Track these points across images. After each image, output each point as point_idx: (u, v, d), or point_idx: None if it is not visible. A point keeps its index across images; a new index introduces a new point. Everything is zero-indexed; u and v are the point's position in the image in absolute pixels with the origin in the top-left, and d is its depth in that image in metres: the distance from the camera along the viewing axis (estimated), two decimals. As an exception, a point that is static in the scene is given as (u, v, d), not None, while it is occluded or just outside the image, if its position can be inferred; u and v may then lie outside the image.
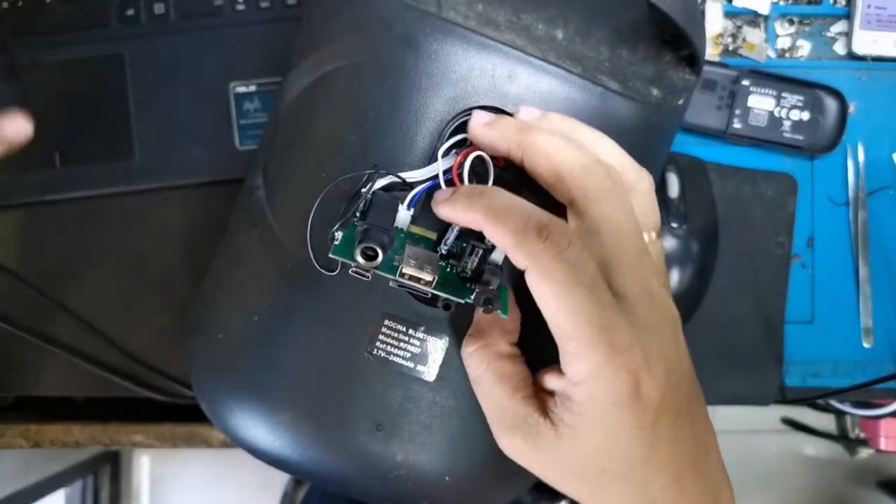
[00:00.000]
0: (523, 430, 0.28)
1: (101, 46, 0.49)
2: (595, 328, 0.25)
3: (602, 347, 0.25)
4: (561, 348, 0.26)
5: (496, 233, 0.26)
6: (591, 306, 0.25)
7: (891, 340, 0.50)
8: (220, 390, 0.32)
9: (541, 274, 0.25)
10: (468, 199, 0.27)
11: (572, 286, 0.25)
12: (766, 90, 0.49)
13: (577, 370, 0.26)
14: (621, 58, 0.33)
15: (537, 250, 0.25)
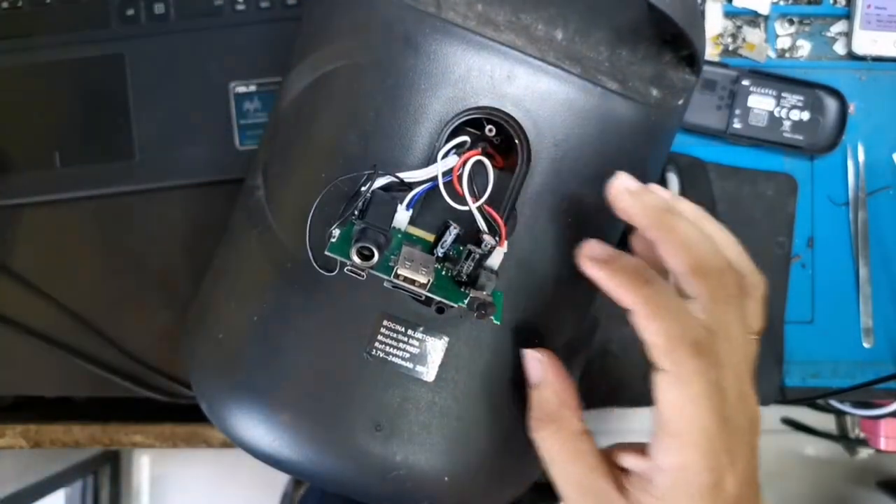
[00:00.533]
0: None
1: (101, 46, 0.49)
2: (704, 438, 0.26)
3: (700, 452, 0.27)
4: (658, 437, 0.27)
5: (649, 328, 0.27)
6: (710, 421, 0.26)
7: (891, 340, 0.50)
8: (219, 390, 0.32)
9: (677, 382, 0.26)
10: (631, 279, 0.27)
11: (702, 400, 0.26)
12: (766, 90, 0.49)
13: (668, 461, 0.27)
14: (621, 58, 0.33)
15: (686, 363, 0.26)
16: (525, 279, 0.32)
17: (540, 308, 0.32)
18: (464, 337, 0.31)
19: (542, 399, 0.31)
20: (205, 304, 0.35)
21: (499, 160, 0.32)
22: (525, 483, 0.35)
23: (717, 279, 0.28)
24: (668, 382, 0.27)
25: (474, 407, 0.32)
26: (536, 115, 0.31)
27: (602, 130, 0.31)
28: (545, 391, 0.31)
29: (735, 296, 0.28)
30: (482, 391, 0.32)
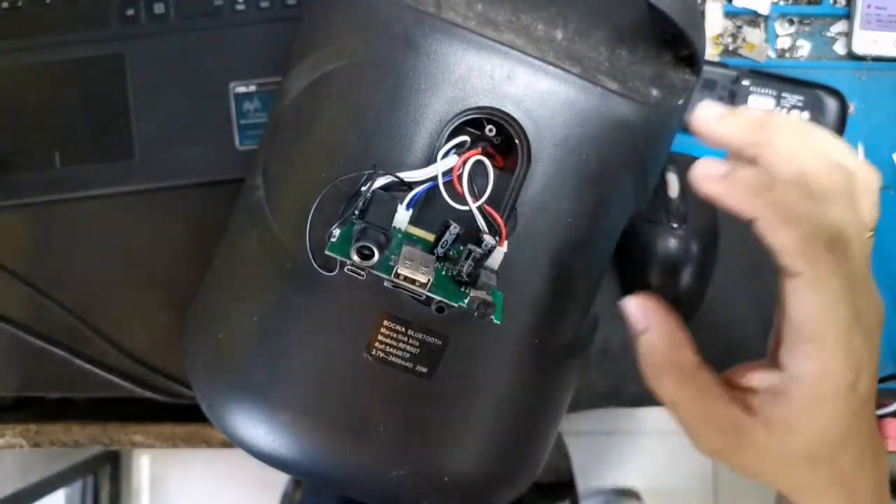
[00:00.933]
0: (731, 433, 0.29)
1: (101, 46, 0.49)
2: (845, 336, 0.26)
3: (841, 352, 0.26)
4: (795, 346, 0.27)
5: (778, 233, 0.26)
6: (848, 318, 0.26)
7: (890, 340, 0.50)
8: (219, 390, 0.32)
9: (816, 282, 0.26)
10: (753, 188, 0.27)
11: (841, 299, 0.26)
12: (766, 90, 0.49)
13: (807, 368, 0.27)
14: (621, 58, 0.33)
15: (821, 261, 0.26)
16: (525, 279, 0.32)
17: (540, 308, 0.32)
18: (464, 337, 0.31)
19: (652, 345, 0.30)
20: (204, 304, 0.35)
21: (499, 160, 0.32)
22: (525, 483, 0.35)
23: (829, 181, 0.27)
24: (805, 285, 0.26)
25: (474, 407, 0.32)
26: (536, 115, 0.31)
27: (602, 130, 0.31)
28: (653, 336, 0.30)
29: (848, 192, 0.28)
30: (482, 391, 0.32)
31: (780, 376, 0.28)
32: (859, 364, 0.27)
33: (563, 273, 0.32)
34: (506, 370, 0.32)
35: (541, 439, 0.35)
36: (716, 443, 0.29)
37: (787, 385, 0.27)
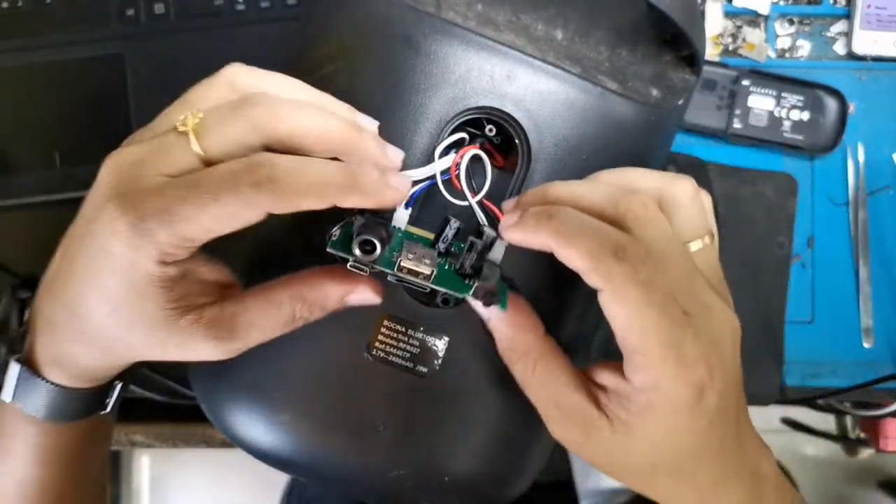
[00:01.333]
0: (579, 424, 0.29)
1: (101, 46, 0.49)
2: (665, 346, 0.26)
3: (670, 363, 0.26)
4: (627, 357, 0.27)
5: (570, 255, 0.26)
6: (662, 325, 0.26)
7: (891, 340, 0.50)
8: (219, 390, 0.32)
9: (615, 295, 0.26)
10: (536, 222, 0.27)
11: (646, 307, 0.26)
12: (766, 90, 0.49)
13: (642, 380, 0.27)
14: (621, 58, 0.33)
15: (614, 272, 0.26)
16: (524, 279, 0.32)
17: (540, 308, 0.32)
18: (464, 337, 0.31)
19: (498, 331, 0.30)
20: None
21: (499, 160, 0.32)
22: (525, 483, 0.35)
23: (616, 212, 0.27)
24: (607, 299, 0.26)
25: (474, 407, 0.32)
26: (536, 115, 0.31)
27: (602, 130, 0.31)
28: (497, 322, 0.30)
29: (645, 219, 0.27)
30: (482, 391, 0.32)
31: (624, 383, 0.28)
32: (699, 379, 0.26)
33: (563, 273, 0.32)
34: (506, 370, 0.32)
35: (541, 439, 0.35)
36: (565, 431, 0.29)
37: (629, 391, 0.27)
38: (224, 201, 0.24)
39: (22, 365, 0.29)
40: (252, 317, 0.28)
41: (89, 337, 0.27)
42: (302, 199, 0.25)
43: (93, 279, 0.26)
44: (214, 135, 0.26)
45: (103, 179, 0.27)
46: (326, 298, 0.29)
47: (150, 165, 0.26)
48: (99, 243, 0.25)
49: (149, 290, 0.26)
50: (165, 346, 0.27)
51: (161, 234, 0.24)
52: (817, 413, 0.70)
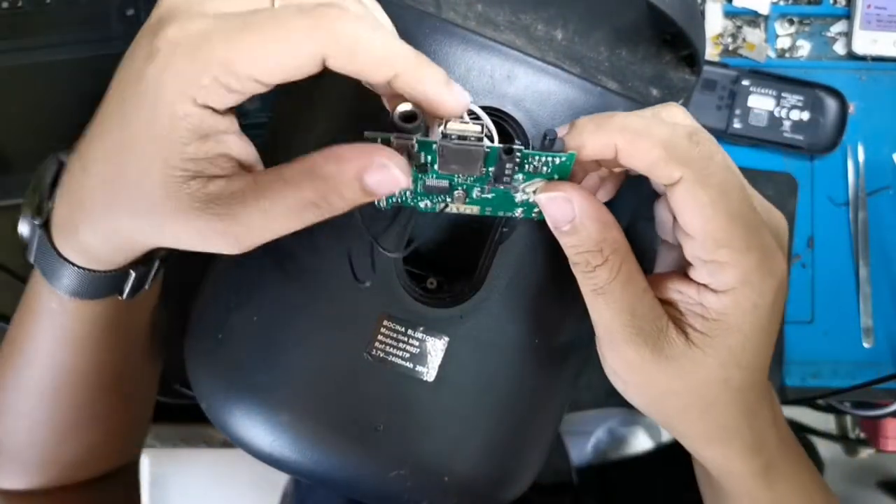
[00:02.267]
0: (651, 337, 0.27)
1: (101, 46, 0.49)
2: (751, 231, 0.25)
3: (755, 251, 0.25)
4: (704, 259, 0.25)
5: (640, 149, 0.24)
6: (747, 209, 0.25)
7: (891, 340, 0.50)
8: (219, 390, 0.32)
9: (698, 181, 0.24)
10: (596, 125, 0.25)
11: (730, 189, 0.24)
12: (766, 90, 0.49)
13: (726, 278, 0.25)
14: (621, 58, 0.33)
15: (692, 157, 0.24)
16: (525, 279, 0.32)
17: (540, 308, 0.32)
18: (464, 337, 0.31)
19: (583, 231, 0.26)
20: (205, 304, 0.35)
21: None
22: (525, 483, 0.35)
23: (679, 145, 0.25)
24: (687, 188, 0.24)
25: (474, 407, 0.32)
26: (536, 116, 0.31)
27: (602, 130, 0.31)
28: (585, 222, 0.26)
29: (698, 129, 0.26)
30: (482, 391, 0.32)
31: (698, 288, 0.26)
32: (780, 268, 0.25)
33: (563, 272, 0.32)
34: (506, 370, 0.32)
35: (540, 439, 0.35)
36: (634, 348, 0.27)
37: (707, 297, 0.26)
38: (287, 25, 0.22)
39: (41, 232, 0.28)
40: (260, 196, 0.23)
41: (102, 205, 0.25)
42: (361, 60, 0.22)
43: (117, 125, 0.24)
44: None
45: (158, 7, 0.24)
46: (338, 171, 0.24)
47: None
48: (134, 74, 0.23)
49: (169, 133, 0.23)
50: (162, 215, 0.24)
51: (213, 63, 0.22)
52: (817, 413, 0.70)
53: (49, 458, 0.37)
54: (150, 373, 0.39)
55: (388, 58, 0.23)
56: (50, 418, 0.35)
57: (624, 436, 0.79)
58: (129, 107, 0.23)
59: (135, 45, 0.24)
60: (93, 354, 0.33)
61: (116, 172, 0.24)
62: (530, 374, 0.33)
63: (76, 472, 0.38)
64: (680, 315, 0.27)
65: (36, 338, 0.32)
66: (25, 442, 0.36)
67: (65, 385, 0.34)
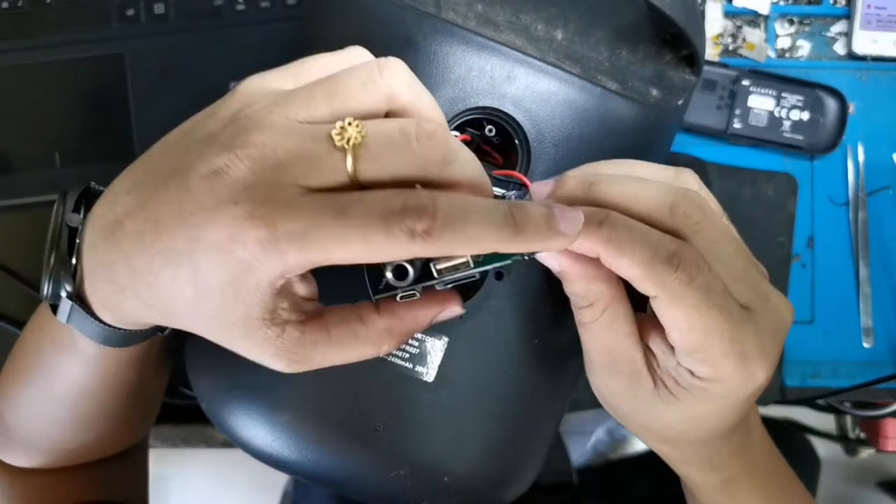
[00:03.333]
0: (625, 375, 0.28)
1: (101, 46, 0.49)
2: (727, 342, 0.26)
3: (732, 359, 0.26)
4: (685, 353, 0.27)
5: (621, 264, 0.25)
6: (723, 324, 0.26)
7: (891, 340, 0.50)
8: (219, 391, 0.32)
9: (672, 301, 0.25)
10: (586, 229, 0.25)
11: (705, 309, 0.25)
12: (766, 90, 0.49)
13: (702, 371, 0.27)
14: (621, 58, 0.33)
15: (668, 280, 0.25)
16: (525, 280, 0.32)
17: (540, 308, 0.32)
18: (463, 337, 0.31)
19: (568, 283, 0.28)
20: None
21: (498, 160, 0.32)
22: (525, 483, 0.35)
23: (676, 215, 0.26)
24: (663, 304, 0.26)
25: (474, 407, 0.32)
26: (536, 116, 0.31)
27: (602, 130, 0.31)
28: (571, 278, 0.28)
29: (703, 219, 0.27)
30: (482, 391, 0.32)
31: (678, 364, 0.27)
32: (759, 373, 0.27)
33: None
34: (506, 370, 0.32)
35: (541, 439, 0.35)
36: (609, 379, 0.29)
37: (681, 371, 0.27)
38: (372, 242, 0.22)
39: (73, 303, 0.27)
40: (334, 351, 0.26)
41: (154, 308, 0.25)
42: (456, 250, 0.23)
43: (186, 264, 0.23)
44: (375, 163, 0.23)
45: (236, 168, 0.23)
46: (417, 325, 0.27)
47: (293, 172, 0.23)
48: (212, 239, 0.22)
49: (249, 297, 0.23)
50: (232, 344, 0.25)
51: (291, 256, 0.22)
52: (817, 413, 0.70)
53: (58, 445, 0.37)
54: (163, 372, 0.40)
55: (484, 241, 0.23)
56: (64, 418, 0.35)
57: (624, 436, 0.79)
58: (210, 268, 0.23)
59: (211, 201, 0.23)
60: (121, 379, 0.33)
61: (178, 296, 0.24)
62: (530, 375, 0.33)
63: (85, 456, 0.39)
64: (657, 366, 0.28)
65: (62, 367, 0.32)
66: (37, 431, 0.36)
67: (86, 399, 0.34)
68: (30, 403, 0.34)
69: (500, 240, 0.23)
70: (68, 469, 0.38)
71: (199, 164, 0.23)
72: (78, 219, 0.29)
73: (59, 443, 0.37)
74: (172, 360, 0.42)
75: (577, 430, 0.79)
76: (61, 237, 0.28)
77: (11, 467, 0.38)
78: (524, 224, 0.23)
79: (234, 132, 0.24)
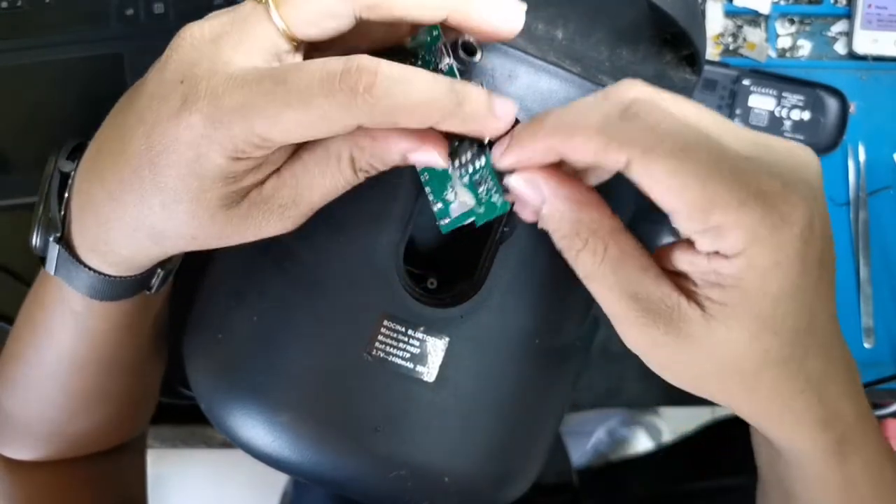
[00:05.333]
0: (663, 318, 0.23)
1: (101, 46, 0.49)
2: (741, 182, 0.21)
3: (753, 201, 0.21)
4: (698, 228, 0.22)
5: (578, 146, 0.22)
6: (726, 159, 0.21)
7: (891, 340, 0.50)
8: (218, 391, 0.32)
9: (649, 154, 0.21)
10: (530, 132, 0.23)
11: (693, 148, 0.21)
12: (766, 90, 0.49)
13: (731, 242, 0.22)
14: (621, 57, 0.33)
15: (630, 130, 0.21)
16: (525, 279, 0.31)
17: (541, 308, 0.32)
18: (464, 337, 0.31)
19: (557, 214, 0.24)
20: (204, 304, 0.35)
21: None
22: (526, 483, 0.35)
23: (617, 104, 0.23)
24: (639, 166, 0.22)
25: (474, 407, 0.32)
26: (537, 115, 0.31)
27: (602, 130, 0.31)
28: (556, 204, 0.24)
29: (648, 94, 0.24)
30: (482, 391, 0.32)
31: (705, 257, 0.23)
32: (794, 213, 0.22)
33: (564, 273, 0.32)
34: (506, 371, 0.32)
35: (541, 440, 0.35)
36: (645, 331, 0.24)
37: (717, 264, 0.22)
38: (314, 106, 0.21)
39: (60, 247, 0.28)
40: (311, 175, 0.25)
41: (133, 227, 0.25)
42: (398, 118, 0.22)
43: (146, 166, 0.23)
44: (300, 8, 0.23)
45: (176, 54, 0.24)
46: (388, 149, 0.24)
47: (230, 45, 0.23)
48: (162, 129, 0.23)
49: (212, 183, 0.23)
50: (223, 237, 0.25)
51: (237, 129, 0.22)
52: (818, 413, 0.70)
53: (58, 431, 0.37)
54: (158, 356, 0.40)
55: (426, 114, 0.23)
56: (60, 398, 0.35)
57: (624, 436, 0.79)
58: (166, 164, 0.23)
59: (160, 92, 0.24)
60: (110, 347, 0.33)
61: (151, 204, 0.24)
62: (531, 375, 0.33)
63: (84, 446, 0.39)
64: (694, 287, 0.23)
65: (53, 333, 0.32)
66: (35, 416, 0.36)
67: (78, 372, 0.34)
68: (24, 382, 0.34)
69: (443, 111, 0.22)
70: (67, 464, 0.38)
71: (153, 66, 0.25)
72: (71, 165, 0.29)
73: (57, 426, 0.37)
74: (171, 359, 0.42)
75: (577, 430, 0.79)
76: (52, 184, 0.29)
77: (12, 462, 0.38)
78: (465, 98, 0.23)
79: None
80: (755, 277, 0.22)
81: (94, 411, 0.37)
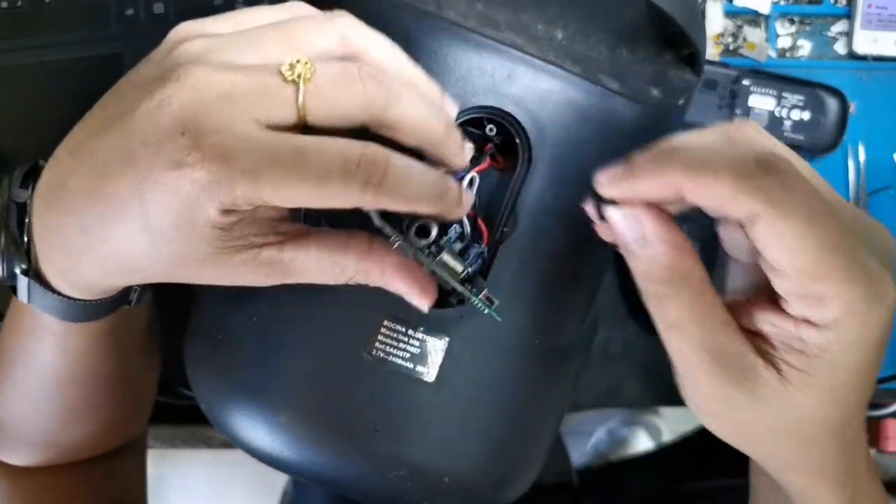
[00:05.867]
0: (737, 375, 0.23)
1: (101, 46, 0.49)
2: (851, 258, 0.22)
3: (859, 279, 0.22)
4: (800, 292, 0.22)
5: (706, 186, 0.22)
6: (842, 233, 0.22)
7: (891, 341, 0.50)
8: (219, 391, 0.32)
9: (777, 211, 0.21)
10: (656, 162, 0.23)
11: (819, 216, 0.21)
12: (766, 90, 0.49)
13: (828, 312, 0.22)
14: (621, 57, 0.33)
15: (767, 185, 0.21)
16: (526, 279, 0.31)
17: (541, 308, 0.32)
18: (464, 337, 0.31)
19: (654, 255, 0.24)
20: (203, 305, 0.35)
21: (499, 160, 0.32)
22: (526, 483, 0.35)
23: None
24: (767, 222, 0.22)
25: (474, 407, 0.32)
26: (537, 115, 0.31)
27: (603, 130, 0.31)
28: (654, 246, 0.24)
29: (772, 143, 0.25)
30: (482, 391, 0.32)
31: (795, 322, 0.23)
32: (889, 296, 0.22)
33: (564, 273, 0.32)
34: (506, 371, 0.32)
35: (541, 440, 0.35)
36: (716, 385, 0.24)
37: (805, 331, 0.23)
38: (329, 185, 0.22)
39: (29, 279, 0.27)
40: (312, 268, 0.26)
41: (110, 262, 0.25)
42: (398, 205, 0.24)
43: (135, 208, 0.23)
44: (325, 99, 0.23)
45: (176, 99, 0.22)
46: (388, 286, 0.27)
47: (242, 103, 0.22)
48: (158, 178, 0.22)
49: (205, 231, 0.23)
50: (201, 280, 0.25)
51: (241, 191, 0.22)
52: (818, 413, 0.70)
53: (53, 440, 0.37)
54: (150, 360, 0.40)
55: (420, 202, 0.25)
56: (51, 411, 0.35)
57: (624, 436, 0.79)
58: (157, 209, 0.23)
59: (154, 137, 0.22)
60: (94, 362, 0.33)
61: (136, 240, 0.24)
62: (531, 375, 0.33)
63: (80, 451, 0.39)
64: (773, 350, 0.24)
65: (35, 353, 0.32)
66: (29, 426, 0.36)
67: (66, 388, 0.34)
68: (16, 393, 0.34)
69: (430, 203, 0.25)
70: (66, 468, 0.38)
71: (140, 102, 0.23)
72: (25, 194, 0.28)
73: (51, 435, 0.37)
74: (171, 359, 0.42)
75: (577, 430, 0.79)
76: (10, 214, 0.28)
77: (10, 468, 0.38)
78: (446, 194, 0.25)
79: (174, 64, 0.23)
80: (840, 350, 0.23)
81: (86, 421, 0.37)
